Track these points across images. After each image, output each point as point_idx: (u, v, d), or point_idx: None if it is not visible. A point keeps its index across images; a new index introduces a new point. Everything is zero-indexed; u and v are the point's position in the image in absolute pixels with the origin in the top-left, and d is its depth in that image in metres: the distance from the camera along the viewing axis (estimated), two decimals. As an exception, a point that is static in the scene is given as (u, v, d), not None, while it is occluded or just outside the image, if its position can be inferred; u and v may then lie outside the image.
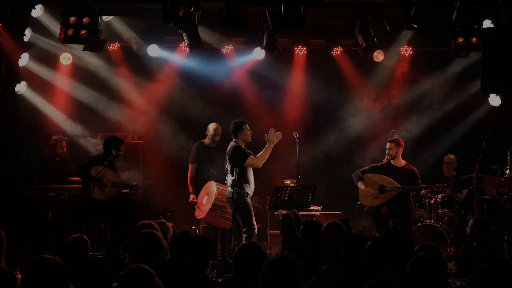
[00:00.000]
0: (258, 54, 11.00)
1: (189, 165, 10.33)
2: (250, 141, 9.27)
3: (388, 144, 9.95)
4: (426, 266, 4.93)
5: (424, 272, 4.90)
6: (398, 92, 11.64)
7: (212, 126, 10.37)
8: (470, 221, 7.75)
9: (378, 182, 9.79)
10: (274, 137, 9.10)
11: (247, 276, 4.97)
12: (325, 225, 6.61)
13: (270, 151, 9.09)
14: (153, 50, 10.86)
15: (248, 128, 9.28)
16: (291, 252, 6.80)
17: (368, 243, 5.52)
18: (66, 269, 4.11)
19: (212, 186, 9.71)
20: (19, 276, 6.99)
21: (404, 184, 9.80)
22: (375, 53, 10.82)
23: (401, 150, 9.96)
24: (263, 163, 9.14)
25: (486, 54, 8.54)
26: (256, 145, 10.37)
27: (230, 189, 9.04)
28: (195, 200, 10.05)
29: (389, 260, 5.44)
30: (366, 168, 10.06)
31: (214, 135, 10.30)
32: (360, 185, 9.90)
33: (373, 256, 5.44)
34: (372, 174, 9.89)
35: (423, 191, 10.09)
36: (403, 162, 10.00)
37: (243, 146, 9.21)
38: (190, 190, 10.19)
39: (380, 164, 10.04)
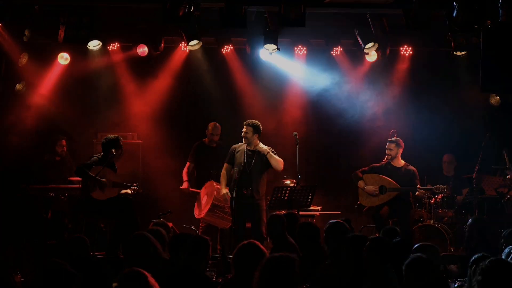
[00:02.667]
0: (258, 54, 10.98)
1: (187, 162, 10.34)
2: (245, 142, 9.26)
3: (388, 144, 9.96)
4: (422, 267, 4.93)
5: (421, 273, 4.90)
6: (398, 92, 11.62)
7: (210, 126, 10.37)
8: (469, 222, 7.78)
9: (378, 182, 9.79)
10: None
11: (247, 275, 4.97)
12: (328, 224, 6.63)
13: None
14: (143, 50, 10.81)
15: (243, 129, 9.29)
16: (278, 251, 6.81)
17: (367, 243, 5.52)
18: (74, 275, 4.12)
19: (212, 186, 9.70)
20: (19, 276, 7.01)
21: (404, 184, 9.80)
22: (368, 53, 10.81)
23: (400, 150, 9.96)
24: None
25: (486, 54, 8.54)
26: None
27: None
28: (191, 189, 10.06)
29: (387, 261, 5.45)
30: (365, 168, 10.06)
31: (212, 134, 10.31)
32: (360, 184, 9.90)
33: (371, 257, 5.45)
34: (372, 174, 9.89)
35: (417, 193, 9.98)
36: (402, 162, 10.01)
37: (236, 146, 9.36)
38: (184, 179, 10.21)
39: (379, 164, 10.04)
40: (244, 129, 9.27)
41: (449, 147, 11.30)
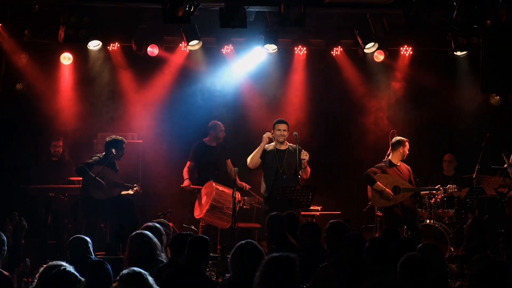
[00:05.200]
0: (258, 54, 10.98)
1: (188, 162, 10.30)
2: (280, 140, 9.30)
3: (407, 144, 9.83)
4: (416, 266, 4.93)
5: (415, 272, 4.90)
6: (398, 92, 11.63)
7: (215, 124, 10.33)
8: (468, 222, 7.80)
9: (391, 183, 9.64)
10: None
11: (244, 275, 4.97)
12: (328, 224, 6.63)
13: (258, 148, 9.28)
14: (153, 50, 10.80)
15: (281, 127, 9.36)
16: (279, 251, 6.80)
17: (366, 244, 5.52)
18: (77, 278, 4.12)
19: (211, 187, 9.69)
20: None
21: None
22: (375, 53, 10.83)
23: None
24: (249, 161, 9.30)
25: (486, 54, 8.56)
26: (255, 143, 10.39)
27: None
28: (192, 186, 9.99)
29: (387, 261, 5.45)
30: (374, 168, 9.89)
31: (220, 131, 10.25)
32: (378, 187, 9.59)
33: (371, 257, 5.45)
34: (385, 175, 9.66)
35: (423, 193, 10.05)
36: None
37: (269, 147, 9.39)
38: (185, 177, 10.13)
39: (384, 163, 9.97)
40: (283, 128, 9.31)
41: (450, 147, 11.31)
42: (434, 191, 10.05)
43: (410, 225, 9.69)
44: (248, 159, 9.30)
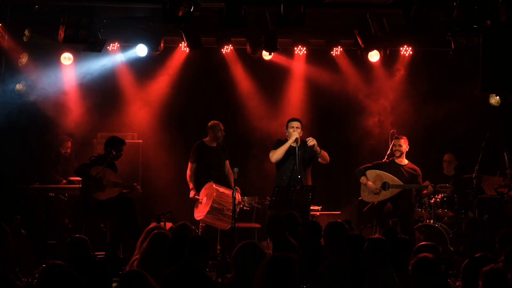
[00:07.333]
0: (258, 54, 10.98)
1: (189, 163, 10.28)
2: (294, 138, 9.31)
3: (395, 140, 9.93)
4: (430, 266, 4.93)
5: (428, 273, 4.89)
6: (398, 92, 11.63)
7: (215, 124, 10.32)
8: (464, 222, 7.82)
9: (381, 179, 9.77)
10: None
11: (246, 275, 4.98)
12: (327, 224, 6.63)
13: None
14: (141, 50, 10.79)
15: (295, 125, 9.44)
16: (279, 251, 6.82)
17: (365, 244, 5.53)
18: (77, 278, 4.12)
19: (212, 188, 9.68)
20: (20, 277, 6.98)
21: (407, 182, 9.83)
22: (370, 53, 10.85)
23: (407, 148, 10.03)
24: (274, 155, 9.36)
25: (486, 54, 8.55)
26: (255, 144, 10.43)
27: None
28: (196, 197, 9.99)
29: (387, 261, 5.45)
30: (369, 165, 10.02)
31: (219, 130, 10.25)
32: (363, 180, 9.90)
33: (370, 257, 5.46)
34: (376, 171, 9.86)
35: (425, 191, 10.09)
36: (406, 161, 10.04)
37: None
38: (191, 186, 10.11)
39: (383, 161, 10.00)
40: (296, 125, 9.40)
41: (449, 147, 11.30)
42: (423, 190, 10.08)
43: (402, 228, 9.71)
44: (273, 154, 9.38)
